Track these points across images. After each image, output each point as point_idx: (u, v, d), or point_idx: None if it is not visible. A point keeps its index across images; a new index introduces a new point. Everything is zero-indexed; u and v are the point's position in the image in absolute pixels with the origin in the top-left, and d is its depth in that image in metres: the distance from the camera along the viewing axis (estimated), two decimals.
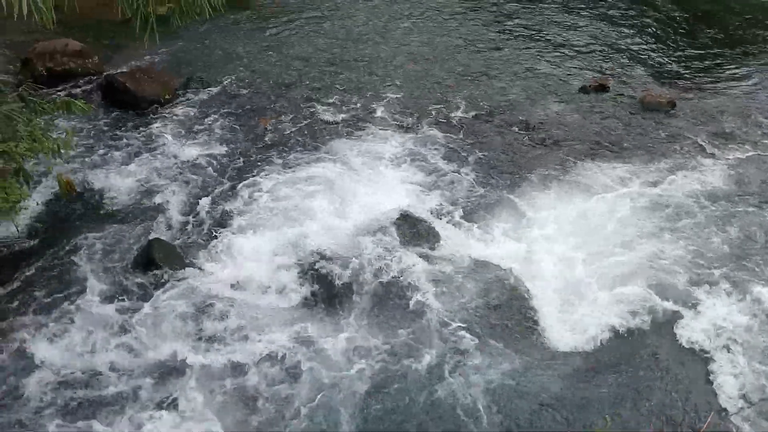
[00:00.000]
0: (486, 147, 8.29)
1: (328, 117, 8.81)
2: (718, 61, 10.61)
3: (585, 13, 12.86)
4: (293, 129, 8.54)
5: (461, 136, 8.53)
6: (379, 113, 8.94)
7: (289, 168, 7.74)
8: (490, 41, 11.55)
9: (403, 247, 6.50)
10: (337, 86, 9.64)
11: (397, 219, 6.79)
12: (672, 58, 10.81)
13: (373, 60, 10.59)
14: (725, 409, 5.14)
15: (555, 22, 12.50)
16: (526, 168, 7.88)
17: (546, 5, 13.43)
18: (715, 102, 9.27)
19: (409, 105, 9.22)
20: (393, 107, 9.13)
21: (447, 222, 7.00)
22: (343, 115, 8.86)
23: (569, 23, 12.37)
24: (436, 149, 8.19)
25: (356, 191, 7.29)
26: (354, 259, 6.32)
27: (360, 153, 7.98)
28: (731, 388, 5.27)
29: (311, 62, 10.32)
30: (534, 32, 12.04)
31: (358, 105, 9.16)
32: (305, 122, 8.70)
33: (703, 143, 8.21)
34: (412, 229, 6.72)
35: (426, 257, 6.45)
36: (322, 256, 6.37)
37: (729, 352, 5.51)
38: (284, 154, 8.01)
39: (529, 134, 8.57)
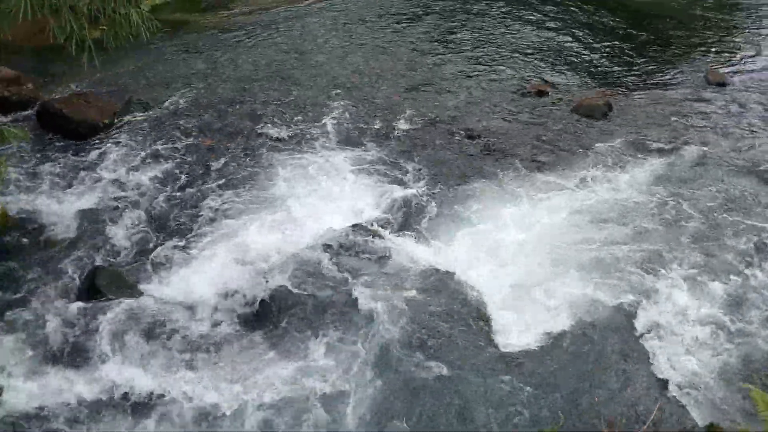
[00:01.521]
0: (432, 156, 8.40)
1: (273, 134, 8.78)
2: (652, 65, 11.04)
3: (524, 22, 13.21)
4: (238, 148, 8.49)
5: (408, 146, 8.63)
6: (324, 128, 8.96)
7: (234, 188, 7.66)
8: (433, 52, 11.75)
9: (351, 261, 6.50)
10: (283, 102, 9.64)
11: (346, 233, 6.79)
12: (607, 63, 11.19)
13: (319, 75, 10.63)
14: (671, 401, 5.26)
15: (495, 30, 12.80)
16: (471, 175, 8.00)
17: (486, 14, 13.76)
18: (649, 104, 9.63)
19: (355, 118, 9.28)
20: (339, 121, 9.18)
21: (395, 233, 7.03)
22: (288, 132, 8.84)
23: (509, 31, 12.69)
24: (383, 161, 8.25)
25: (304, 208, 7.26)
26: (302, 276, 6.27)
27: (307, 169, 7.97)
28: (677, 380, 5.40)
29: (255, 79, 10.30)
30: (475, 40, 12.30)
31: (304, 120, 9.17)
32: (250, 141, 8.65)
33: (637, 144, 8.51)
34: (361, 242, 6.73)
35: (375, 269, 6.46)
36: (270, 276, 6.30)
37: (675, 346, 5.67)
38: (229, 175, 7.93)
39: (473, 142, 8.72)
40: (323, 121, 9.16)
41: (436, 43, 12.24)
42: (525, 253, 6.71)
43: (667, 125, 8.90)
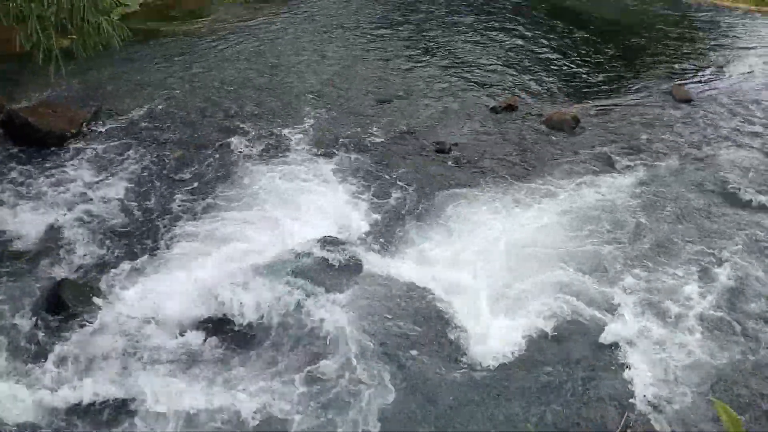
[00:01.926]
0: (404, 170, 8.43)
1: (244, 145, 8.75)
2: (619, 80, 11.28)
3: (495, 36, 13.41)
4: (208, 159, 8.42)
5: (379, 160, 8.66)
6: (296, 141, 8.95)
7: (203, 200, 7.60)
8: (406, 63, 11.86)
9: (323, 276, 6.47)
10: (254, 114, 9.61)
11: (317, 247, 6.76)
12: (576, 78, 11.40)
13: (291, 87, 10.63)
14: (640, 413, 5.32)
15: (466, 44, 12.97)
16: (442, 188, 8.05)
17: (458, 28, 13.93)
18: (616, 117, 9.82)
19: (327, 131, 9.29)
20: (310, 134, 9.17)
21: (367, 247, 7.02)
22: (259, 144, 8.81)
23: (480, 45, 12.86)
24: (354, 175, 8.26)
25: (274, 222, 7.20)
26: (271, 292, 6.22)
27: (277, 182, 7.92)
28: (646, 387, 5.47)
29: (227, 89, 10.26)
30: (447, 53, 12.44)
31: (275, 133, 9.14)
32: (220, 152, 8.60)
33: (605, 157, 8.66)
34: (333, 257, 6.70)
35: (347, 284, 6.44)
36: (238, 290, 6.23)
37: (645, 353, 5.74)
38: (198, 186, 7.86)
39: (444, 155, 8.79)
40: (295, 132, 9.14)
41: (409, 55, 12.35)
42: (496, 265, 6.75)
43: (634, 140, 9.08)
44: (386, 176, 8.28)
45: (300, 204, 7.58)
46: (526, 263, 6.75)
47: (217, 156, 8.53)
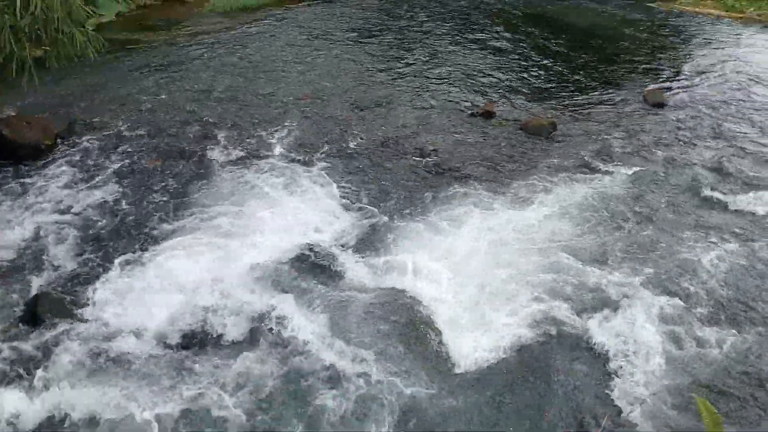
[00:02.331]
0: (383, 176, 8.46)
1: (222, 154, 8.71)
2: (594, 86, 11.45)
3: (473, 43, 13.56)
4: (185, 169, 8.36)
5: (359, 167, 8.68)
6: (275, 149, 8.94)
7: (181, 210, 7.53)
8: (385, 71, 11.93)
9: (303, 284, 6.45)
10: (234, 122, 9.58)
11: (297, 256, 6.74)
12: (552, 84, 11.55)
13: (270, 95, 10.63)
14: (621, 413, 5.36)
15: (445, 51, 13.09)
16: (423, 194, 8.08)
17: (437, 35, 14.06)
18: (591, 122, 9.97)
19: (307, 139, 9.29)
20: (290, 142, 9.16)
21: (348, 254, 7.00)
22: (238, 153, 8.78)
23: (459, 53, 13.00)
24: (334, 182, 8.26)
25: (253, 231, 7.16)
26: (250, 302, 6.18)
27: (256, 191, 7.89)
28: (626, 390, 5.51)
29: (205, 99, 10.22)
30: (426, 61, 12.54)
31: (254, 141, 9.12)
32: (198, 161, 8.55)
33: (581, 162, 8.78)
34: (313, 265, 6.69)
35: (328, 292, 6.42)
36: (218, 303, 6.18)
37: (625, 357, 5.78)
38: (175, 197, 7.79)
39: (424, 161, 8.84)
40: (274, 141, 9.13)
41: (389, 62, 12.42)
42: (476, 269, 6.78)
43: (609, 144, 9.21)
44: (367, 182, 8.30)
45: (280, 212, 7.55)
46: (507, 266, 6.80)
47: (196, 165, 8.48)
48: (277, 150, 8.92)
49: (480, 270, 6.78)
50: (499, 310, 6.26)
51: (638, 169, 8.58)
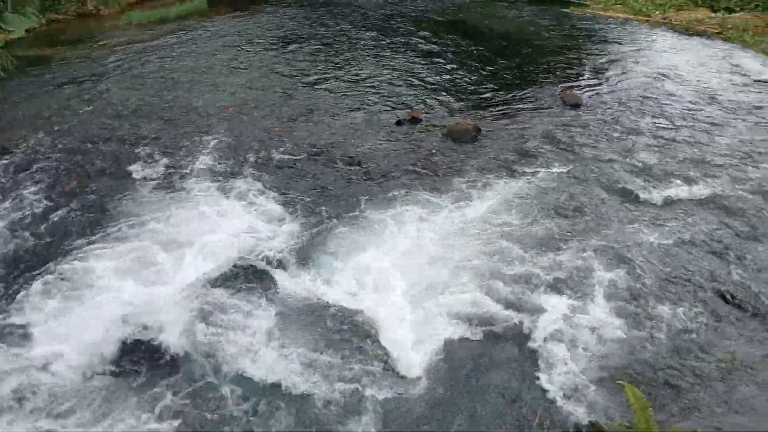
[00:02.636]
0: (314, 186, 8.44)
1: (144, 172, 8.48)
2: (514, 89, 11.82)
3: (397, 52, 13.73)
4: (104, 190, 8.09)
5: (289, 177, 8.62)
6: (201, 163, 8.77)
7: (102, 232, 7.28)
8: (312, 80, 11.93)
9: (237, 300, 6.35)
10: (155, 138, 9.33)
11: (230, 270, 6.64)
12: (475, 89, 11.85)
13: (192, 107, 10.42)
14: (555, 404, 5.51)
15: (369, 60, 13.20)
16: (354, 202, 8.10)
17: (362, 44, 14.15)
18: (513, 124, 10.28)
19: (234, 151, 9.16)
20: (216, 155, 9.01)
21: (282, 266, 6.93)
22: (161, 169, 8.57)
23: (384, 61, 13.13)
24: (264, 194, 8.17)
25: (183, 248, 6.99)
26: (181, 323, 6.04)
27: (183, 207, 7.72)
28: (559, 383, 5.67)
29: (125, 115, 9.91)
30: (352, 70, 12.60)
31: (178, 156, 8.92)
32: (118, 181, 8.28)
33: (505, 162, 9.04)
34: (246, 279, 6.60)
35: (263, 305, 6.35)
36: (146, 324, 6.02)
37: (556, 351, 5.96)
38: (94, 219, 7.53)
39: (354, 169, 8.88)
40: (199, 156, 8.96)
41: (315, 72, 12.42)
42: (409, 271, 6.85)
43: (530, 144, 9.53)
44: (297, 193, 8.25)
45: (208, 227, 7.40)
46: (441, 267, 6.91)
47: (114, 185, 8.19)
48: (202, 164, 8.76)
49: (420, 266, 6.88)
50: (435, 309, 6.35)
51: (559, 165, 8.91)
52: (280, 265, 6.94)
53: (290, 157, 9.15)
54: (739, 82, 12.08)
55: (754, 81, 12.12)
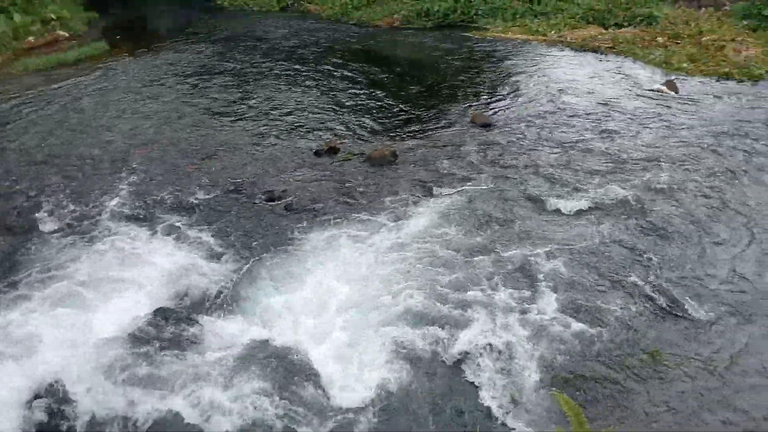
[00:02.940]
0: (235, 225, 8.26)
1: (49, 223, 8.06)
2: (426, 114, 12.10)
3: (310, 82, 13.80)
4: (9, 246, 7.63)
5: (207, 217, 8.41)
6: (113, 208, 8.42)
7: (6, 290, 6.86)
8: (225, 116, 11.78)
9: (160, 352, 6.07)
10: (60, 187, 8.92)
11: (150, 322, 6.34)
12: (389, 115, 12.04)
13: (102, 151, 10.06)
14: (493, 421, 5.57)
15: (282, 91, 13.19)
16: (277, 238, 7.99)
17: (272, 76, 14.13)
18: (428, 147, 10.50)
19: (145, 195, 8.86)
20: (130, 199, 8.69)
21: (206, 312, 6.69)
22: (68, 219, 8.17)
23: (295, 91, 13.14)
24: (181, 238, 7.91)
25: (95, 302, 6.65)
26: (98, 381, 5.74)
27: (92, 259, 7.37)
28: (495, 400, 5.73)
29: (27, 163, 9.44)
30: (265, 103, 12.54)
31: (89, 203, 8.54)
32: (20, 235, 7.82)
33: (423, 185, 9.21)
34: (169, 329, 6.33)
35: (189, 354, 6.11)
36: (61, 382, 5.70)
37: (490, 370, 6.01)
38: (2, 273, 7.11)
39: (274, 203, 8.77)
40: (110, 201, 8.62)
41: (226, 107, 12.27)
42: (342, 304, 6.81)
43: (446, 166, 9.75)
44: (217, 234, 8.04)
45: (122, 277, 7.08)
46: (371, 298, 6.90)
47: (16, 241, 7.73)
48: (115, 209, 8.42)
49: (344, 305, 6.82)
50: (370, 342, 6.30)
51: (475, 182, 9.17)
52: (206, 308, 6.72)
53: (208, 195, 8.94)
54: (633, 92, 12.88)
55: (647, 90, 12.96)
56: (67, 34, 17.35)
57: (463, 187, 9.08)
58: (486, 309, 6.67)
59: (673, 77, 13.58)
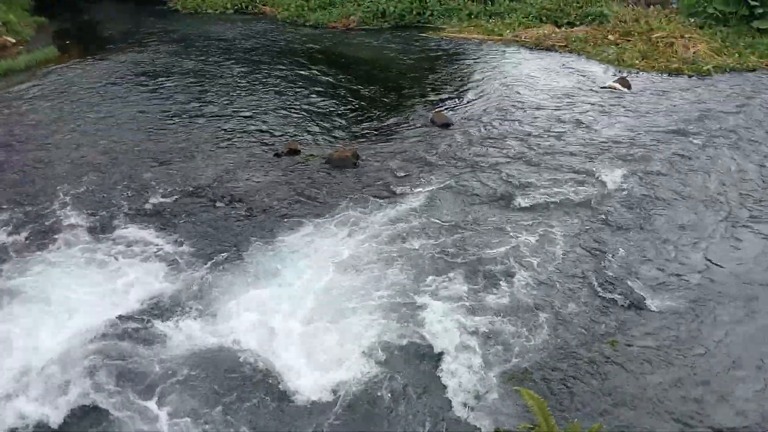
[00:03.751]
0: (195, 229, 8.14)
1: (4, 239, 7.83)
2: (387, 115, 12.14)
3: (269, 84, 13.69)
4: None
5: (167, 222, 8.26)
6: (65, 221, 8.20)
7: None
8: (183, 120, 11.61)
9: (125, 360, 5.97)
10: (9, 199, 8.66)
11: (112, 331, 6.23)
12: (350, 117, 12.04)
13: (54, 161, 9.80)
14: (459, 419, 5.58)
15: (241, 94, 13.07)
16: (239, 241, 7.90)
17: (229, 79, 13.97)
18: (390, 147, 10.54)
19: (100, 204, 8.66)
20: (83, 209, 8.47)
21: (170, 318, 6.58)
22: (22, 232, 7.96)
23: (254, 94, 13.05)
24: (140, 245, 7.75)
25: (55, 314, 6.49)
26: (63, 396, 5.62)
27: (50, 270, 7.19)
28: (461, 398, 5.75)
29: None
30: (221, 105, 12.40)
31: (39, 216, 8.30)
32: None
33: (385, 185, 9.24)
34: (133, 337, 6.22)
35: (154, 362, 6.01)
36: (29, 395, 5.57)
37: (456, 366, 6.03)
38: None
39: (235, 207, 8.68)
40: (62, 212, 8.40)
41: (183, 111, 12.08)
42: (306, 306, 6.77)
43: (407, 166, 9.81)
44: (177, 239, 7.91)
45: (85, 288, 6.92)
46: (336, 298, 6.89)
47: None
48: (70, 222, 8.20)
49: (310, 306, 6.78)
50: (335, 341, 6.29)
51: (434, 184, 9.24)
52: (165, 316, 6.59)
53: (168, 200, 8.79)
54: (586, 88, 13.17)
55: (600, 87, 13.26)
56: (14, 40, 16.83)
57: (424, 187, 9.14)
58: (444, 307, 6.71)
59: (625, 74, 13.94)
